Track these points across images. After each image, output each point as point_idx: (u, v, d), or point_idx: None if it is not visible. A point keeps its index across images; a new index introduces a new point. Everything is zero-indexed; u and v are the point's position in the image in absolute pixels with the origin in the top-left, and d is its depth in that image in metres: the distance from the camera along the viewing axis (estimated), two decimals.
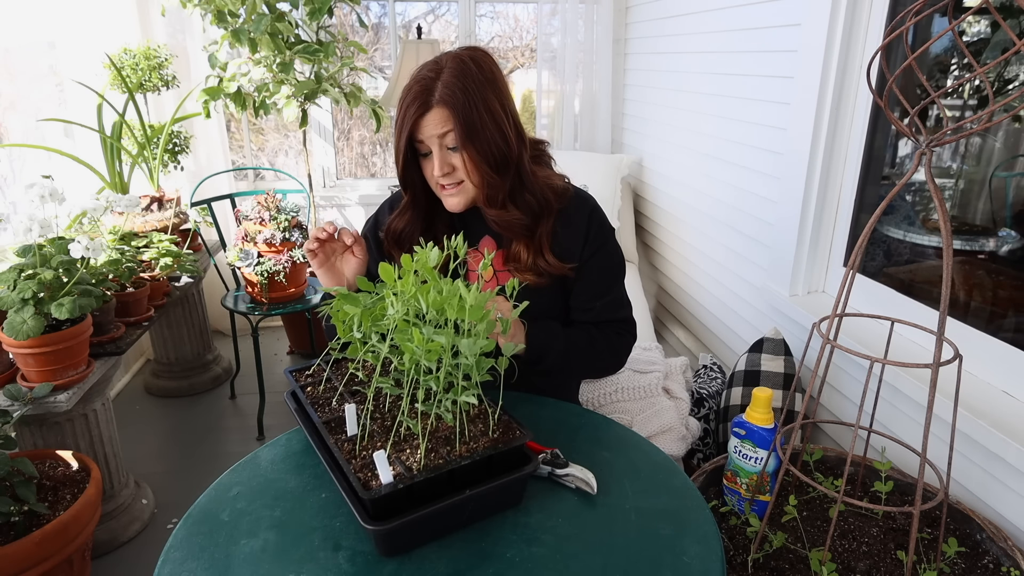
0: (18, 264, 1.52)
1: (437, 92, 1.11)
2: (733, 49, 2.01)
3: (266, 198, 2.26)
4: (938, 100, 0.86)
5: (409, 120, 1.12)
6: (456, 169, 1.16)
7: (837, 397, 1.62)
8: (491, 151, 1.14)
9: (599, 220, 1.29)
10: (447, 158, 1.15)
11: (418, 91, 1.12)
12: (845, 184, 1.65)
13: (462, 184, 1.18)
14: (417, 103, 1.12)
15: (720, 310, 2.23)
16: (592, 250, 1.26)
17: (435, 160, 1.14)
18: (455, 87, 1.11)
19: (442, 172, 1.15)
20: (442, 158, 1.14)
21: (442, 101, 1.10)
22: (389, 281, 0.89)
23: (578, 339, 1.25)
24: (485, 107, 1.12)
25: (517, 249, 1.23)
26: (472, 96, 1.11)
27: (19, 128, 2.41)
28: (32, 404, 1.48)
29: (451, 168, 1.15)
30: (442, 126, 1.12)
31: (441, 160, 1.14)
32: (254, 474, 0.97)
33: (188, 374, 2.69)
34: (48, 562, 1.35)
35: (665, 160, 2.61)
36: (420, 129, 1.13)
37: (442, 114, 1.11)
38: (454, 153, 1.15)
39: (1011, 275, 1.33)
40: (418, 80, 1.13)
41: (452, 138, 1.12)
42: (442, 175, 1.15)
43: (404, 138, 1.14)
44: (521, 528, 0.86)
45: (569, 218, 1.26)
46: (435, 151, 1.14)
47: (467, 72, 1.12)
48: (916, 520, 0.89)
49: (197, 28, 2.62)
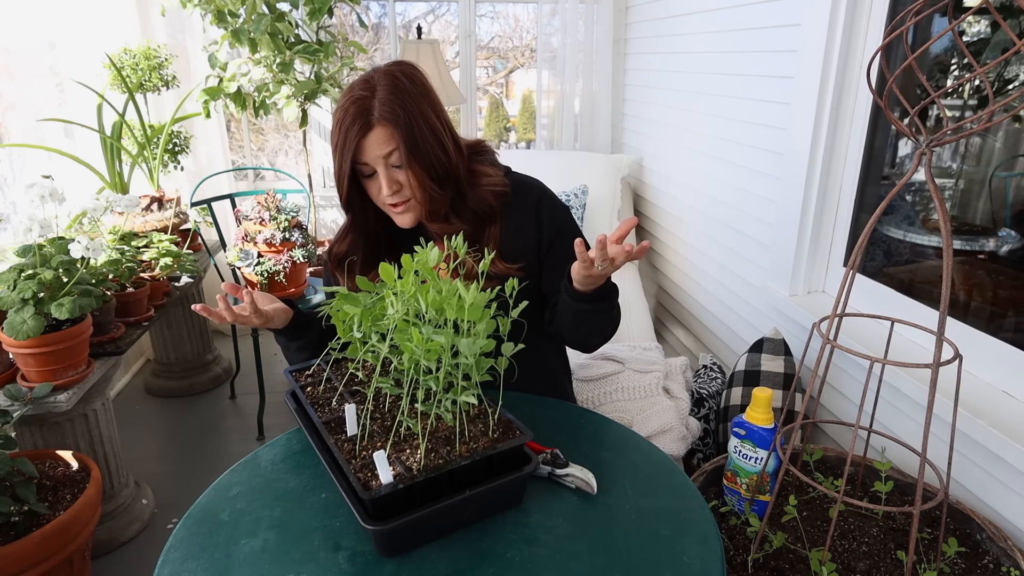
0: (18, 264, 1.52)
1: (376, 110, 1.09)
2: (733, 49, 2.01)
3: (266, 198, 2.26)
4: (938, 100, 0.86)
5: (352, 142, 1.09)
6: (403, 187, 1.14)
7: (837, 397, 1.62)
8: (433, 165, 1.13)
9: (549, 205, 1.27)
10: (393, 176, 1.13)
11: (356, 112, 1.09)
12: (845, 184, 1.65)
13: (410, 201, 1.16)
14: (358, 124, 1.09)
15: (720, 310, 2.23)
16: (551, 236, 1.25)
17: (382, 180, 1.12)
18: (394, 103, 1.09)
19: (391, 191, 1.13)
20: (389, 177, 1.12)
21: (383, 119, 1.08)
22: (389, 281, 0.89)
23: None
24: (424, 121, 1.11)
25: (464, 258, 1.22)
26: (410, 111, 1.10)
27: (19, 128, 2.41)
28: (32, 404, 1.48)
29: (399, 186, 1.14)
30: (386, 145, 1.10)
31: (388, 179, 1.12)
32: (254, 474, 0.97)
33: (188, 374, 2.69)
34: (48, 562, 1.35)
35: (665, 160, 2.61)
36: (363, 151, 1.10)
37: (384, 132, 1.09)
38: (399, 171, 1.13)
39: (1011, 275, 1.33)
40: (353, 101, 1.10)
41: (397, 156, 1.11)
42: (391, 193, 1.13)
43: (348, 161, 1.11)
44: (521, 528, 0.86)
45: (517, 213, 1.24)
46: (381, 171, 1.12)
47: (401, 87, 1.10)
48: (916, 520, 0.89)
49: (197, 28, 2.62)
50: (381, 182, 1.13)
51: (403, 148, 1.09)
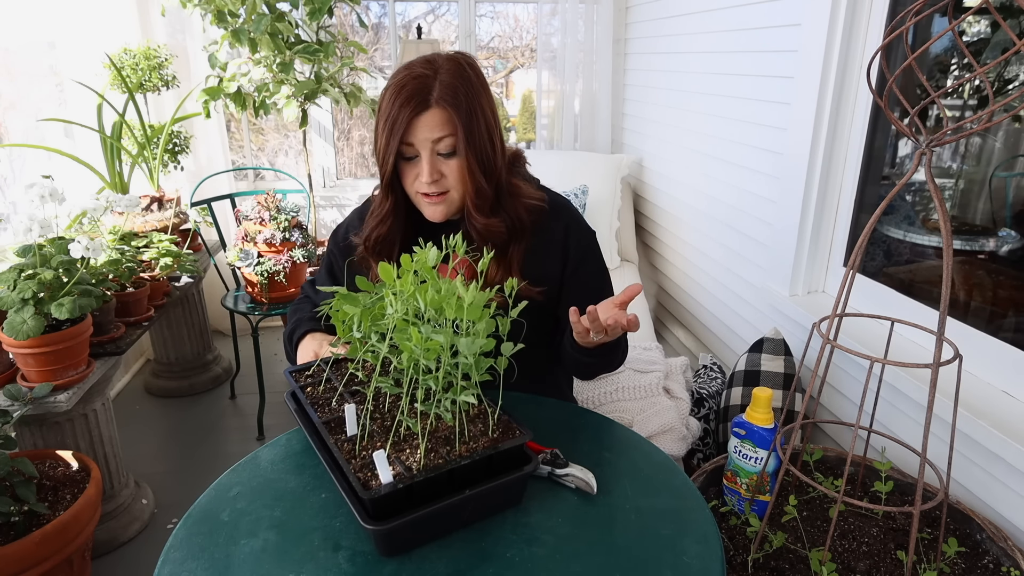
0: (18, 264, 1.52)
1: (436, 91, 1.03)
2: (733, 49, 2.01)
3: (266, 198, 2.26)
4: (938, 100, 0.87)
5: (404, 119, 1.03)
6: (444, 177, 1.09)
7: (837, 397, 1.62)
8: (483, 160, 1.08)
9: (577, 231, 1.22)
10: (436, 164, 1.08)
11: (415, 88, 1.03)
12: (845, 184, 1.65)
13: (447, 194, 1.11)
14: (415, 101, 1.03)
15: (720, 310, 2.23)
16: (575, 264, 1.21)
17: (424, 165, 1.07)
18: (457, 89, 1.04)
19: (431, 179, 1.07)
20: (432, 164, 1.07)
21: (443, 101, 1.03)
22: (389, 281, 0.89)
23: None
24: (482, 113, 1.07)
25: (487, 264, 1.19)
26: (471, 100, 1.05)
27: (19, 128, 2.41)
28: (32, 404, 1.48)
29: (439, 175, 1.09)
30: (439, 129, 1.05)
31: (431, 166, 1.07)
32: (254, 474, 0.97)
33: (188, 374, 2.69)
34: (48, 562, 1.35)
35: (665, 160, 2.61)
36: (414, 130, 1.05)
37: (442, 116, 1.04)
38: (444, 160, 1.08)
39: (1011, 275, 1.33)
40: (413, 76, 1.04)
41: (447, 143, 1.06)
42: (431, 181, 1.08)
43: (397, 139, 1.05)
44: (521, 528, 0.86)
45: (545, 236, 1.20)
46: (425, 156, 1.07)
47: (464, 75, 1.06)
48: (916, 520, 0.89)
49: (197, 28, 2.62)
50: (423, 167, 1.07)
51: (461, 135, 1.04)
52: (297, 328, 1.25)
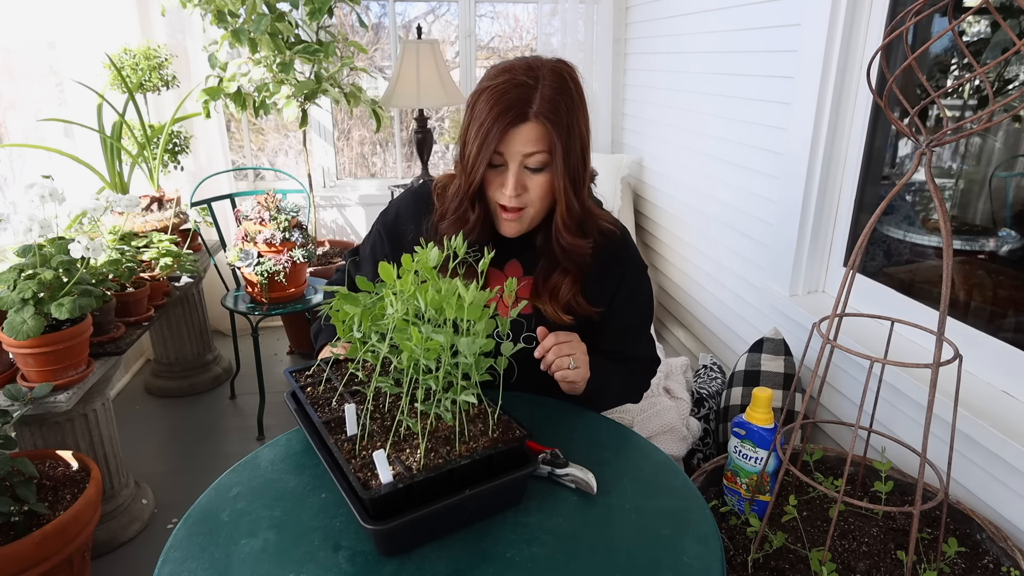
0: (18, 264, 1.52)
1: (536, 104, 0.99)
2: (733, 49, 2.01)
3: (266, 198, 2.26)
4: (938, 100, 0.87)
5: (499, 129, 0.99)
6: (526, 192, 1.06)
7: (837, 397, 1.62)
8: (575, 177, 1.06)
9: (635, 263, 1.22)
10: (522, 178, 1.04)
11: (515, 98, 0.99)
12: (845, 184, 1.65)
13: (523, 211, 1.08)
14: (512, 113, 0.99)
15: (720, 310, 2.23)
16: (626, 294, 1.21)
17: (510, 178, 1.03)
18: (558, 104, 1.00)
19: (515, 192, 1.04)
20: (518, 177, 1.03)
21: (542, 116, 0.99)
22: (389, 281, 0.89)
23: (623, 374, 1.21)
24: (578, 132, 1.04)
25: (557, 282, 1.14)
26: (570, 117, 1.02)
27: (19, 128, 2.41)
28: (32, 404, 1.48)
29: (523, 190, 1.05)
30: (533, 145, 1.01)
31: (517, 179, 1.03)
32: (254, 474, 0.97)
33: (188, 374, 2.69)
34: (48, 562, 1.35)
35: (665, 160, 2.61)
36: (508, 141, 1.01)
37: (539, 131, 1.00)
38: (531, 174, 1.04)
39: (1011, 275, 1.33)
40: (515, 84, 1.00)
41: (538, 159, 1.02)
42: (514, 195, 1.04)
43: (490, 148, 1.01)
44: (521, 528, 0.86)
45: (607, 262, 1.18)
46: (512, 168, 1.03)
47: (566, 89, 1.02)
48: (916, 520, 0.89)
49: (197, 28, 2.62)
50: (508, 179, 1.04)
51: (558, 152, 1.01)
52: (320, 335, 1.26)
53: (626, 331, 1.24)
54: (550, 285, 1.15)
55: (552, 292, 1.15)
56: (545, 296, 1.15)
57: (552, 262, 1.15)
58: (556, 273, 1.15)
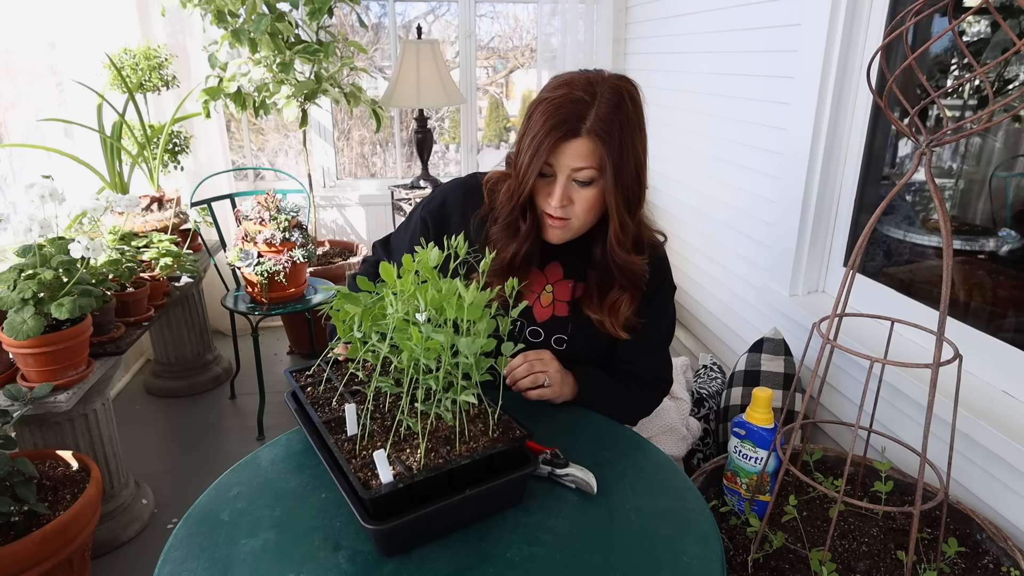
0: (18, 264, 1.52)
1: (590, 120, 1.00)
2: (733, 49, 2.01)
3: (266, 198, 2.26)
4: (938, 100, 0.87)
5: (551, 142, 1.01)
6: (572, 204, 1.07)
7: (837, 397, 1.62)
8: (629, 196, 1.06)
9: (668, 282, 1.24)
10: (569, 191, 1.06)
11: (569, 113, 1.01)
12: (845, 184, 1.65)
13: (568, 221, 1.10)
14: (566, 127, 1.00)
15: (720, 310, 2.23)
16: (654, 311, 1.22)
17: (556, 189, 1.05)
18: (612, 123, 1.01)
19: (560, 204, 1.06)
20: (565, 189, 1.05)
21: (594, 133, 1.00)
22: (390, 281, 0.89)
23: (620, 391, 1.22)
24: (632, 152, 1.04)
25: (617, 298, 1.16)
26: (624, 136, 1.02)
27: (19, 128, 2.41)
28: (32, 404, 1.48)
29: (569, 202, 1.07)
30: (582, 160, 1.02)
31: (564, 192, 1.05)
32: (254, 474, 0.97)
33: (188, 374, 2.69)
34: (48, 562, 1.35)
35: (665, 160, 2.61)
36: (559, 154, 1.03)
37: (589, 147, 1.01)
38: (578, 188, 1.06)
39: (1011, 275, 1.33)
40: (571, 100, 1.01)
41: (586, 174, 1.04)
42: (560, 206, 1.06)
43: (541, 160, 1.02)
44: (521, 528, 0.86)
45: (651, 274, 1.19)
46: (560, 180, 1.05)
47: (623, 108, 1.02)
48: (916, 520, 0.89)
49: (197, 28, 2.62)
50: (555, 190, 1.05)
51: (609, 170, 1.02)
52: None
53: (645, 347, 1.25)
54: (609, 301, 1.16)
55: (611, 308, 1.16)
56: (605, 311, 1.16)
57: (607, 276, 1.16)
58: (615, 290, 1.16)
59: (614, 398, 1.21)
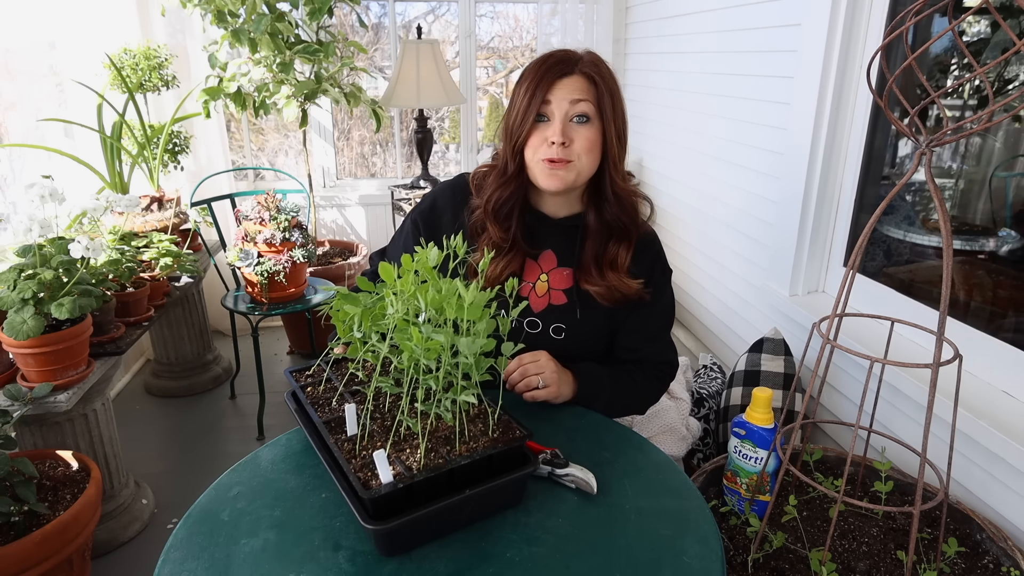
0: (18, 264, 1.52)
1: (580, 64, 1.11)
2: (733, 49, 2.01)
3: (266, 198, 2.26)
4: (938, 100, 0.86)
5: (548, 80, 1.10)
6: (573, 143, 1.11)
7: (837, 397, 1.62)
8: (619, 134, 1.15)
9: (663, 263, 1.27)
10: (568, 130, 1.11)
11: (560, 57, 1.12)
12: (845, 184, 1.65)
13: (572, 163, 1.12)
14: (560, 68, 1.11)
15: (720, 310, 2.23)
16: (653, 293, 1.24)
17: (556, 124, 1.10)
18: (600, 66, 1.13)
19: (562, 139, 1.10)
20: (565, 126, 1.11)
21: (586, 74, 1.11)
22: (389, 281, 0.89)
23: (622, 383, 1.22)
24: (619, 95, 1.15)
25: (614, 251, 1.19)
26: (610, 81, 1.13)
27: (19, 128, 2.41)
28: (32, 404, 1.48)
29: (570, 140, 1.11)
30: (579, 92, 1.10)
31: (564, 128, 1.10)
32: (254, 474, 0.97)
33: (188, 374, 2.69)
34: (48, 562, 1.35)
35: (665, 160, 2.61)
36: (555, 89, 1.10)
37: (583, 83, 1.11)
38: (577, 127, 1.12)
39: (1011, 275, 1.33)
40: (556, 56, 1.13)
41: (584, 107, 1.11)
42: (560, 144, 1.10)
43: (539, 98, 1.10)
44: (521, 528, 0.86)
45: (639, 251, 1.22)
46: (559, 116, 1.10)
47: (604, 66, 1.15)
48: (916, 520, 0.89)
49: (197, 28, 2.62)
50: (555, 126, 1.11)
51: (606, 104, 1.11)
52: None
53: (647, 332, 1.26)
54: (609, 257, 1.19)
55: (611, 263, 1.19)
56: (605, 271, 1.19)
57: (602, 238, 1.20)
58: (611, 243, 1.20)
59: (618, 389, 1.21)
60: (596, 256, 1.20)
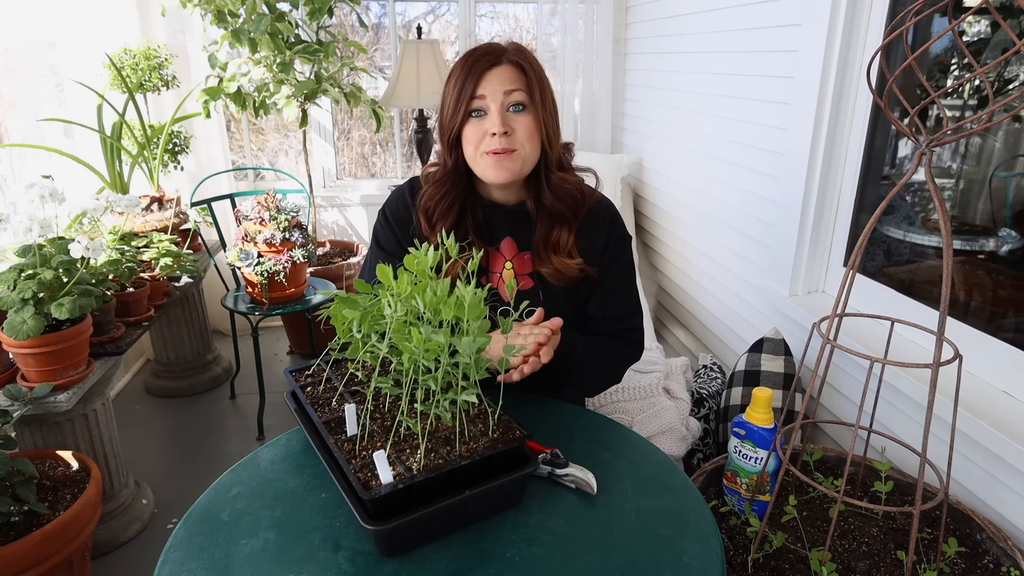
0: (18, 264, 1.52)
1: (507, 54, 1.12)
2: (733, 49, 2.01)
3: (266, 198, 2.26)
4: (938, 100, 0.86)
5: (477, 70, 1.10)
6: (514, 132, 1.12)
7: (837, 397, 1.62)
8: (553, 119, 1.17)
9: (620, 230, 1.28)
10: (507, 120, 1.12)
11: (487, 49, 1.12)
12: (845, 184, 1.65)
13: (515, 152, 1.13)
14: (488, 58, 1.11)
15: (720, 310, 2.23)
16: (610, 259, 1.26)
17: (495, 116, 1.11)
18: (526, 55, 1.14)
19: (502, 129, 1.10)
20: (503, 116, 1.11)
21: (514, 63, 1.12)
22: (387, 283, 0.89)
23: (597, 346, 1.23)
24: (546, 85, 1.16)
25: (557, 235, 1.21)
26: (538, 70, 1.15)
27: (19, 128, 2.41)
28: (32, 404, 1.48)
29: (511, 129, 1.12)
30: (511, 83, 1.11)
31: (502, 118, 1.11)
32: (254, 474, 0.97)
33: (188, 374, 2.69)
34: (48, 562, 1.35)
35: (665, 160, 2.61)
36: (486, 82, 1.10)
37: (513, 72, 1.12)
38: (514, 116, 1.12)
39: (1011, 275, 1.33)
40: (482, 48, 1.14)
41: (518, 96, 1.11)
42: (501, 134, 1.10)
43: (469, 91, 1.10)
44: (521, 528, 0.86)
45: (591, 223, 1.24)
46: (495, 108, 1.11)
47: (531, 53, 1.17)
48: (916, 520, 0.89)
49: (197, 28, 2.62)
50: (493, 118, 1.11)
51: (536, 91, 1.12)
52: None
53: (610, 294, 1.27)
54: (552, 241, 1.21)
55: (554, 247, 1.20)
56: (549, 254, 1.20)
57: (547, 223, 1.21)
58: (555, 228, 1.21)
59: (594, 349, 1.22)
60: (544, 240, 1.22)
